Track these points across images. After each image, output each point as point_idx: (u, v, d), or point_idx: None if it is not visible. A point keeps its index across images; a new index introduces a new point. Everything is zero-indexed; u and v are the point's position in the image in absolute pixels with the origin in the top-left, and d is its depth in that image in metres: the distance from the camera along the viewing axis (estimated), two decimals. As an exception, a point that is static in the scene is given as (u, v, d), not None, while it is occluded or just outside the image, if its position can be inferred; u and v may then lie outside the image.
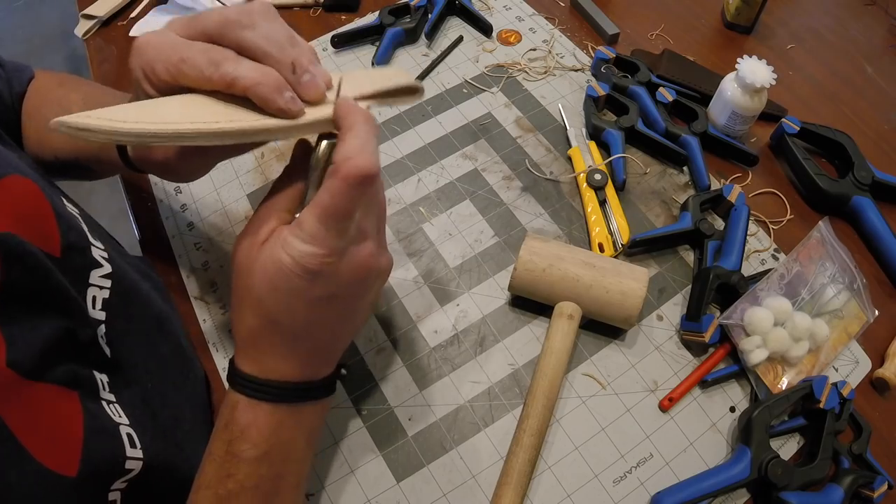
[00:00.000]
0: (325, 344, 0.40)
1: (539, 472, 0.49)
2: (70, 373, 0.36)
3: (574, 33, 0.77)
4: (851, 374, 0.54)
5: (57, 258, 0.38)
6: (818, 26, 0.81)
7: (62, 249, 0.39)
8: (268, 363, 0.38)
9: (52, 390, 0.34)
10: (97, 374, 0.39)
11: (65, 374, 0.35)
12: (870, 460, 0.49)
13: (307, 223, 0.34)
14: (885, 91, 0.74)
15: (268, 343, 0.37)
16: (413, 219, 0.62)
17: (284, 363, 0.38)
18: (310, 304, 0.36)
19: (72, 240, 0.40)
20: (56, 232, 0.39)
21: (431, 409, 0.52)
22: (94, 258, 0.42)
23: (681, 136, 0.65)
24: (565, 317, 0.52)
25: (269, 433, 0.38)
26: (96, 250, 0.42)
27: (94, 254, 0.42)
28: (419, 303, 0.57)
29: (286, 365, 0.38)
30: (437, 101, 0.71)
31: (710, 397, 0.52)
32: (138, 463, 0.38)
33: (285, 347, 0.37)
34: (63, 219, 0.40)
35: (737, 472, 0.47)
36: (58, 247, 0.38)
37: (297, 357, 0.38)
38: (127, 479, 0.38)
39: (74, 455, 0.34)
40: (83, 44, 0.79)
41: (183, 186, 0.65)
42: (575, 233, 0.61)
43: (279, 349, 0.37)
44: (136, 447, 0.39)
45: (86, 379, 0.38)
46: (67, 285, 0.37)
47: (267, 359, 0.38)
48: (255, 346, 0.38)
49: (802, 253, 0.57)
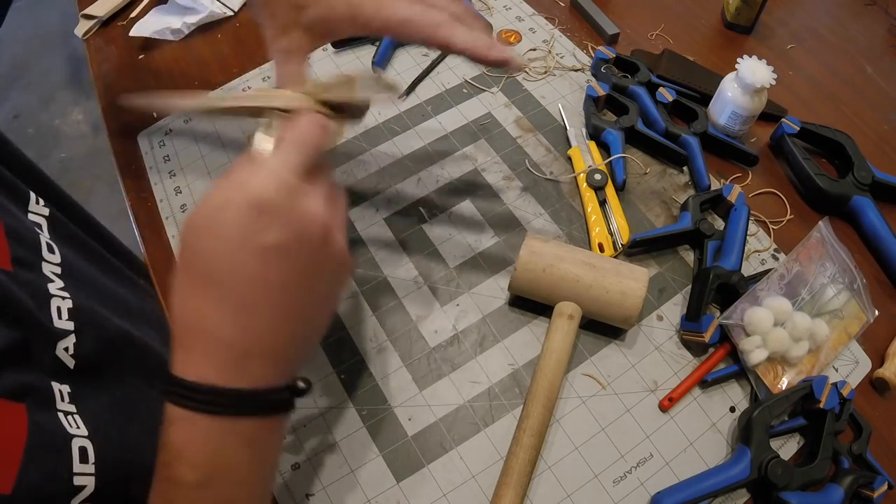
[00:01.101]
0: (279, 325, 0.34)
1: (539, 472, 0.49)
2: (17, 384, 0.34)
3: (574, 33, 0.77)
4: (851, 374, 0.54)
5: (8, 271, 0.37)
6: (818, 26, 0.81)
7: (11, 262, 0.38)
8: (206, 358, 0.32)
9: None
10: (56, 385, 0.38)
11: (11, 385, 0.34)
12: (870, 460, 0.49)
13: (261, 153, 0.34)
14: (885, 91, 0.74)
15: (207, 324, 0.32)
16: (413, 219, 0.62)
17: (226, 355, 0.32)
18: (256, 255, 0.31)
19: (19, 255, 0.39)
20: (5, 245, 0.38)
21: (431, 409, 0.52)
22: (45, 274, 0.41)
23: (681, 136, 0.65)
24: (565, 317, 0.52)
25: (210, 453, 0.32)
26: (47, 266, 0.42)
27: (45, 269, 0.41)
28: (419, 303, 0.57)
29: (228, 358, 0.32)
30: (437, 101, 0.71)
31: (710, 397, 0.52)
32: (89, 479, 0.36)
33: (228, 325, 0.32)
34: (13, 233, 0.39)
35: (737, 472, 0.47)
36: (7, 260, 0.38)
37: (243, 344, 0.32)
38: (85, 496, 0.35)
39: (10, 470, 0.32)
40: (83, 44, 0.79)
41: (182, 187, 0.65)
42: (575, 233, 0.61)
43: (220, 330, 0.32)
44: (87, 462, 0.36)
45: (38, 390, 0.36)
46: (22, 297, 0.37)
47: (205, 350, 0.32)
48: (192, 331, 0.32)
49: (802, 253, 0.57)
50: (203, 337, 0.32)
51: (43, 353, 0.38)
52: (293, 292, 0.34)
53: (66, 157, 2.01)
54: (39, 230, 0.43)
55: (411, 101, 0.71)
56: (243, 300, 0.32)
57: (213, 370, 0.32)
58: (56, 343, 0.39)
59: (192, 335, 0.33)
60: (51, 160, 1.99)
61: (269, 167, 0.32)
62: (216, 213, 0.32)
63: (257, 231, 0.31)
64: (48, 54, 2.19)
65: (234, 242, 0.31)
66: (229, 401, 0.32)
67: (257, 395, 0.33)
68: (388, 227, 0.62)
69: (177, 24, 0.76)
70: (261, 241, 0.31)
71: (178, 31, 0.76)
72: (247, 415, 0.33)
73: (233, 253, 0.31)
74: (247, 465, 0.34)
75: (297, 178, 0.33)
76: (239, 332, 0.32)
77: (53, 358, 0.39)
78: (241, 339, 0.32)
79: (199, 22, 0.77)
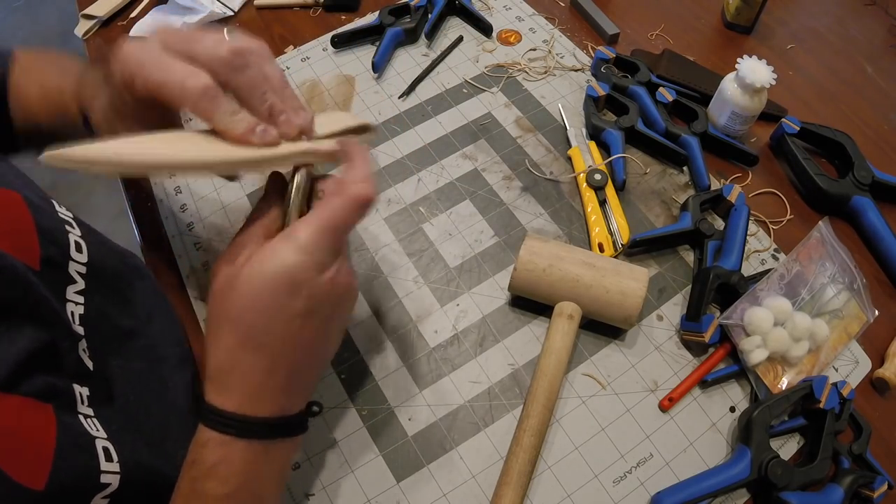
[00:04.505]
0: (301, 368, 0.39)
1: (539, 472, 0.49)
2: (47, 385, 0.36)
3: (574, 33, 0.77)
4: (851, 374, 0.54)
5: (36, 271, 0.38)
6: (818, 26, 0.81)
7: (41, 263, 0.39)
8: (242, 394, 0.37)
9: (25, 402, 0.34)
10: (77, 387, 0.39)
11: (40, 386, 0.35)
12: (870, 460, 0.49)
13: (302, 234, 0.35)
14: (885, 91, 0.74)
15: (243, 368, 0.37)
16: (413, 219, 0.62)
17: (259, 392, 0.37)
18: (289, 320, 0.36)
19: (50, 254, 0.40)
20: (37, 245, 0.39)
21: (431, 409, 0.52)
22: (70, 274, 0.42)
23: (681, 136, 0.65)
24: (565, 317, 0.52)
25: (240, 471, 0.37)
26: (74, 265, 0.42)
27: (71, 269, 0.42)
28: (419, 303, 0.57)
29: (261, 394, 0.37)
30: (437, 101, 0.71)
31: (710, 397, 0.52)
32: (115, 477, 0.37)
33: (261, 370, 0.37)
34: (45, 233, 0.40)
35: (737, 472, 0.47)
36: (37, 259, 0.38)
37: (273, 384, 0.37)
38: (107, 493, 0.37)
39: (43, 468, 0.33)
40: (83, 44, 0.79)
41: (183, 186, 0.65)
42: (575, 233, 0.61)
43: (254, 374, 0.37)
44: (111, 461, 0.38)
45: (63, 392, 0.37)
46: (49, 297, 0.37)
47: (241, 388, 0.37)
48: (230, 373, 0.37)
49: (802, 253, 0.57)
50: (237, 378, 0.37)
51: (67, 354, 0.39)
52: (317, 341, 0.39)
53: (66, 157, 2.01)
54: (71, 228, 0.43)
55: (411, 101, 0.71)
56: (274, 353, 0.37)
57: (246, 403, 0.37)
58: (77, 344, 0.40)
59: (228, 377, 0.37)
60: (51, 160, 1.99)
61: (303, 247, 0.36)
62: (251, 282, 0.35)
63: (289, 305, 0.36)
64: (48, 54, 2.19)
65: (268, 312, 0.36)
66: (260, 428, 0.37)
67: (284, 422, 0.39)
68: (388, 227, 0.62)
69: (177, 25, 0.76)
70: (292, 312, 0.36)
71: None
72: (275, 438, 0.38)
73: (266, 319, 0.36)
74: (268, 479, 0.39)
75: (330, 259, 0.37)
76: (270, 377, 0.37)
77: (77, 360, 0.40)
78: (272, 382, 0.37)
79: (200, 22, 0.77)
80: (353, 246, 0.60)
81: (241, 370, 0.37)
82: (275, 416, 0.38)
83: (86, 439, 0.37)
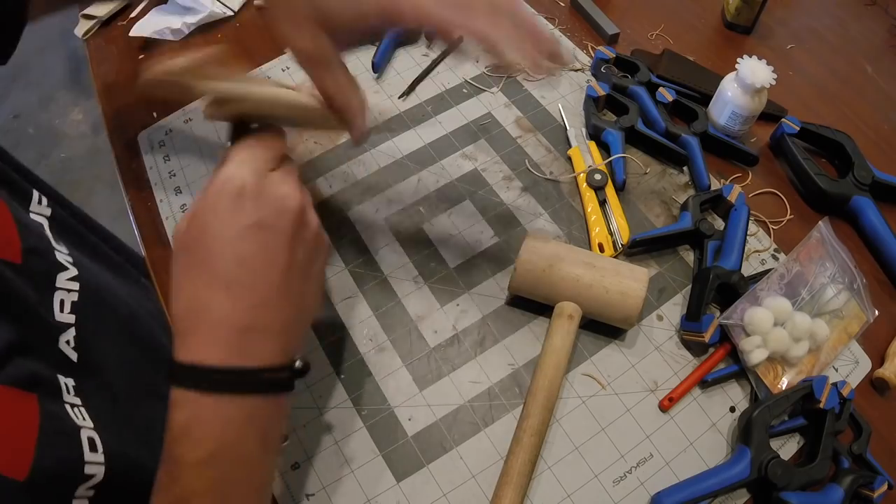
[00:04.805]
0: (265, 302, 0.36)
1: (539, 472, 0.49)
2: (28, 375, 0.35)
3: (574, 33, 0.77)
4: (851, 374, 0.54)
5: (17, 264, 0.37)
6: (818, 26, 0.81)
7: (22, 254, 0.38)
8: (203, 339, 0.34)
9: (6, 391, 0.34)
10: (61, 378, 0.38)
11: (23, 375, 0.35)
12: (870, 460, 0.49)
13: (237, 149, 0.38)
14: (885, 91, 0.74)
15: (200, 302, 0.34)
16: (413, 219, 0.62)
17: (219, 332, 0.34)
18: (240, 235, 0.35)
19: (32, 244, 0.39)
20: (16, 237, 0.38)
21: (431, 409, 0.52)
22: (59, 261, 0.41)
23: (681, 136, 0.65)
24: (565, 317, 0.52)
25: (214, 431, 0.34)
26: (60, 254, 0.42)
27: (59, 257, 0.42)
28: (419, 303, 0.57)
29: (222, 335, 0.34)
30: (436, 101, 0.71)
31: (710, 397, 0.52)
32: (99, 468, 0.37)
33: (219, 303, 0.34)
34: (23, 224, 0.39)
35: (737, 472, 0.47)
36: (18, 252, 0.38)
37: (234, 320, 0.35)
38: (92, 485, 0.36)
39: (25, 458, 0.33)
40: (83, 44, 0.79)
41: (183, 186, 0.65)
42: (575, 233, 0.61)
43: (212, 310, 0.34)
44: (96, 451, 0.37)
45: (47, 381, 0.37)
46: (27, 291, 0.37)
47: (200, 331, 0.34)
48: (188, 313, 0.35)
49: (802, 253, 0.57)
50: (199, 319, 0.35)
51: (44, 347, 0.38)
52: (277, 266, 0.36)
53: (66, 157, 2.01)
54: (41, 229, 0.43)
55: (411, 101, 0.71)
56: (232, 278, 0.35)
57: (212, 351, 0.34)
58: (58, 336, 0.40)
59: (190, 319, 0.35)
60: (51, 160, 1.99)
61: (237, 159, 0.37)
62: (201, 204, 0.36)
63: (237, 213, 0.35)
64: (48, 54, 2.19)
65: (217, 228, 0.35)
66: (231, 378, 0.34)
67: (257, 373, 0.35)
68: (388, 227, 0.62)
69: (177, 24, 0.76)
70: (242, 222, 0.35)
71: (178, 31, 0.76)
72: (248, 392, 0.35)
73: (217, 236, 0.35)
74: (249, 443, 0.36)
75: (266, 167, 0.38)
76: (232, 310, 0.35)
77: (57, 352, 0.39)
78: (235, 317, 0.35)
79: (200, 22, 0.77)
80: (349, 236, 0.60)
81: (199, 307, 0.35)
82: (245, 366, 0.35)
83: (70, 429, 0.37)
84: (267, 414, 0.37)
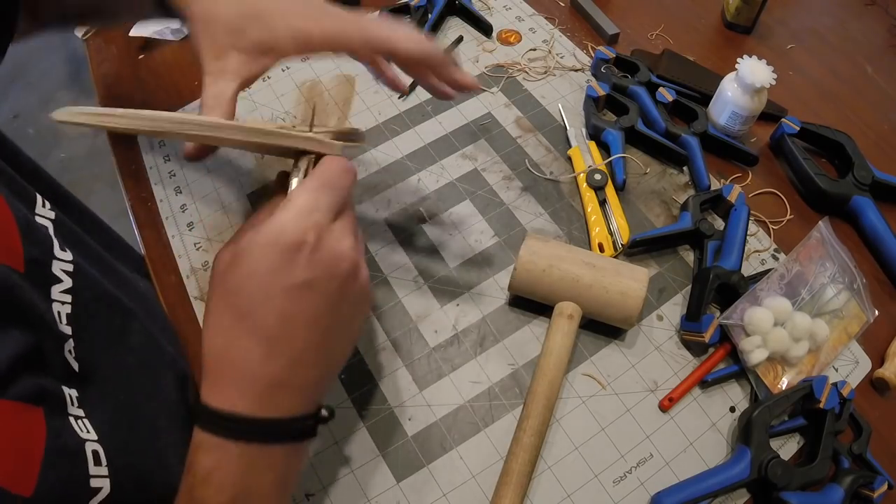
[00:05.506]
0: (303, 359, 0.36)
1: (539, 472, 0.49)
2: (36, 388, 0.35)
3: (574, 33, 0.77)
4: (851, 374, 0.54)
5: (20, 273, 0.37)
6: (818, 26, 0.81)
7: (25, 264, 0.38)
8: (236, 388, 0.34)
9: (14, 406, 0.33)
10: (66, 389, 0.38)
11: (29, 389, 0.34)
12: (870, 460, 0.49)
13: (298, 196, 0.35)
14: (885, 91, 0.74)
15: (237, 352, 0.34)
16: (413, 219, 0.62)
17: (254, 385, 0.34)
18: (287, 291, 0.34)
19: (34, 255, 0.39)
20: (20, 246, 0.38)
21: (431, 409, 0.52)
22: (54, 273, 0.41)
23: (681, 136, 0.65)
24: (565, 317, 0.52)
25: (237, 478, 0.34)
26: (58, 263, 0.41)
27: (55, 268, 0.41)
28: (419, 303, 0.57)
29: (257, 388, 0.34)
30: (436, 101, 0.71)
31: (710, 397, 0.52)
32: (104, 481, 0.37)
33: (257, 357, 0.34)
34: (27, 232, 0.39)
35: (737, 472, 0.47)
36: (21, 261, 0.38)
37: (270, 374, 0.35)
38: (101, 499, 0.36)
39: (31, 473, 0.32)
40: (83, 44, 0.79)
41: (183, 186, 0.65)
42: (575, 233, 0.61)
43: (250, 362, 0.34)
44: (100, 464, 0.37)
45: (52, 394, 0.37)
46: (34, 299, 0.37)
47: (235, 380, 0.35)
48: (223, 359, 0.35)
49: (802, 253, 0.57)
50: (234, 367, 0.35)
51: (54, 356, 0.38)
52: (320, 327, 0.36)
53: (66, 157, 2.01)
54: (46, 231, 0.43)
55: (411, 101, 0.71)
56: (272, 334, 0.34)
57: (242, 400, 0.34)
58: (63, 346, 0.39)
59: (224, 364, 0.35)
60: (51, 160, 1.99)
61: (300, 208, 0.35)
62: (250, 251, 0.34)
63: (288, 270, 0.34)
64: (48, 54, 2.19)
65: (266, 280, 0.34)
66: (259, 430, 0.34)
67: (284, 424, 0.36)
68: (388, 227, 0.62)
69: (177, 24, 0.76)
70: (291, 280, 0.34)
71: (178, 31, 0.76)
72: (275, 442, 0.35)
73: (264, 290, 0.34)
74: (270, 487, 0.36)
75: (328, 220, 0.35)
76: (268, 365, 0.34)
77: (63, 362, 0.39)
78: (271, 372, 0.35)
79: (199, 22, 0.77)
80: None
81: (235, 356, 0.34)
82: (274, 417, 0.35)
83: (75, 443, 0.36)
84: (289, 460, 0.37)
